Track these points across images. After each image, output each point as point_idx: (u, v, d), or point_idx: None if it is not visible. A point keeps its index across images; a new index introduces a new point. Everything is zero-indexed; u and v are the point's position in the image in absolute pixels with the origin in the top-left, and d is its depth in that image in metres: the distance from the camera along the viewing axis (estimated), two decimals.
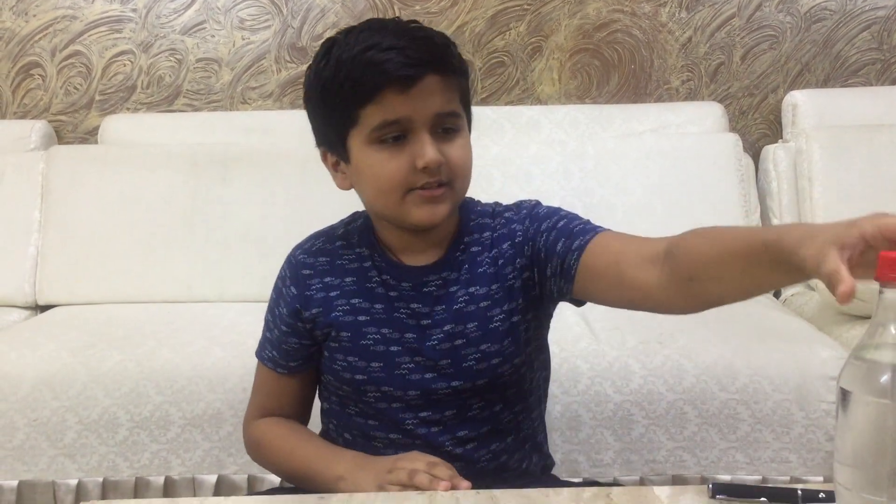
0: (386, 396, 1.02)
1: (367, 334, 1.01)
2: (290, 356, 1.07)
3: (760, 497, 0.84)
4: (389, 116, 0.93)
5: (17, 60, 2.53)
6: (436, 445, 1.02)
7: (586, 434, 1.63)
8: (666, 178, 2.23)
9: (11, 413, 1.66)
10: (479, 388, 1.02)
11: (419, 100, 0.93)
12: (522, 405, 1.06)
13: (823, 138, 2.28)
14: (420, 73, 0.92)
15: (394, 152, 0.95)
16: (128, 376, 1.67)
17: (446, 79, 0.95)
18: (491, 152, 2.28)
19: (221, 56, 2.53)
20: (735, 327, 1.82)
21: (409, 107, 0.93)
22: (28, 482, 1.67)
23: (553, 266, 0.98)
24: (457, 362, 1.00)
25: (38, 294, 2.24)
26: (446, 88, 0.95)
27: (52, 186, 2.27)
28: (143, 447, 1.66)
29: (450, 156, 0.96)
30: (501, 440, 1.05)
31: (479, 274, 1.01)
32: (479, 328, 1.00)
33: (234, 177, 2.24)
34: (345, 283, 1.04)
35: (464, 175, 0.99)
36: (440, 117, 0.95)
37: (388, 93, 0.92)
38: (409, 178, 0.95)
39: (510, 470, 1.06)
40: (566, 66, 2.54)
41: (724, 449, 1.62)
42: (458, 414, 1.02)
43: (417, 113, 0.93)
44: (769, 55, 2.53)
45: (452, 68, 0.97)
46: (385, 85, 0.92)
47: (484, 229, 1.04)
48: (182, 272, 2.19)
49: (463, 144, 0.98)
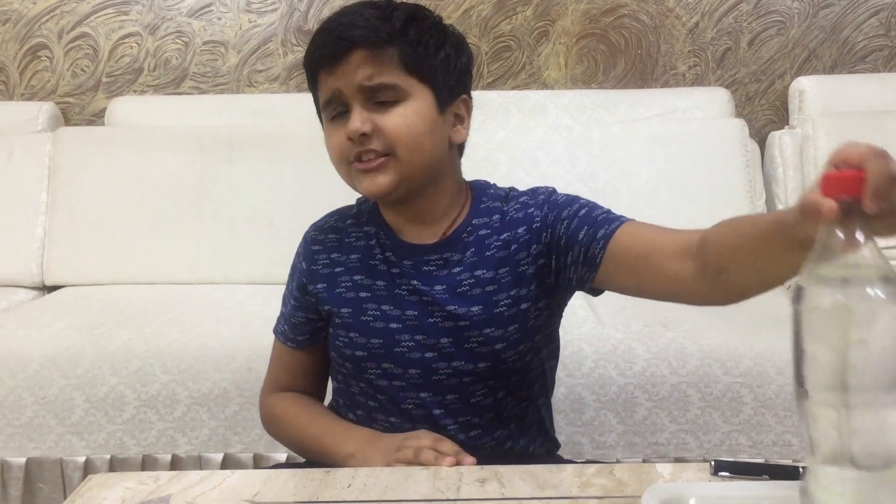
0: (386, 374, 1.03)
1: (368, 310, 1.03)
2: (298, 330, 1.10)
3: (762, 475, 0.84)
4: (326, 94, 0.99)
5: (24, 42, 2.54)
6: (438, 428, 1.02)
7: (590, 416, 1.64)
8: (672, 164, 2.23)
9: (20, 391, 1.67)
10: (480, 372, 1.02)
11: (344, 75, 0.96)
12: (526, 393, 1.06)
13: (830, 124, 2.28)
14: (340, 51, 0.96)
15: (337, 126, 0.99)
16: (135, 355, 1.69)
17: (377, 51, 0.96)
18: (497, 137, 2.28)
19: (228, 39, 2.54)
20: (740, 312, 1.81)
21: (335, 82, 0.97)
22: (36, 459, 1.69)
23: (574, 254, 0.97)
24: (458, 343, 1.01)
25: (45, 275, 2.26)
26: (376, 61, 0.96)
27: (60, 168, 2.28)
28: (150, 425, 1.67)
29: (383, 125, 0.96)
30: (505, 427, 1.05)
31: (487, 257, 1.01)
32: (484, 311, 1.00)
33: (240, 159, 2.25)
34: (350, 259, 1.05)
35: (407, 143, 0.97)
36: (368, 90, 0.96)
37: (321, 74, 0.99)
38: (346, 151, 0.98)
39: (514, 453, 1.06)
40: (573, 50, 2.54)
41: (727, 432, 1.63)
42: (460, 399, 1.02)
43: (344, 86, 0.97)
44: (776, 41, 2.52)
45: (384, 40, 0.96)
46: (318, 66, 0.98)
47: (494, 213, 1.04)
48: (189, 253, 2.20)
49: (403, 113, 0.97)
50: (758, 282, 0.85)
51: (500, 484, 0.84)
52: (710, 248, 0.86)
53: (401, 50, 0.97)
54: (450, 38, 1.02)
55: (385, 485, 0.84)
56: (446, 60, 1.00)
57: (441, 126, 1.00)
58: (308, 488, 0.84)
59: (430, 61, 0.99)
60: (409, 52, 0.97)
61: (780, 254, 0.77)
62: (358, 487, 0.84)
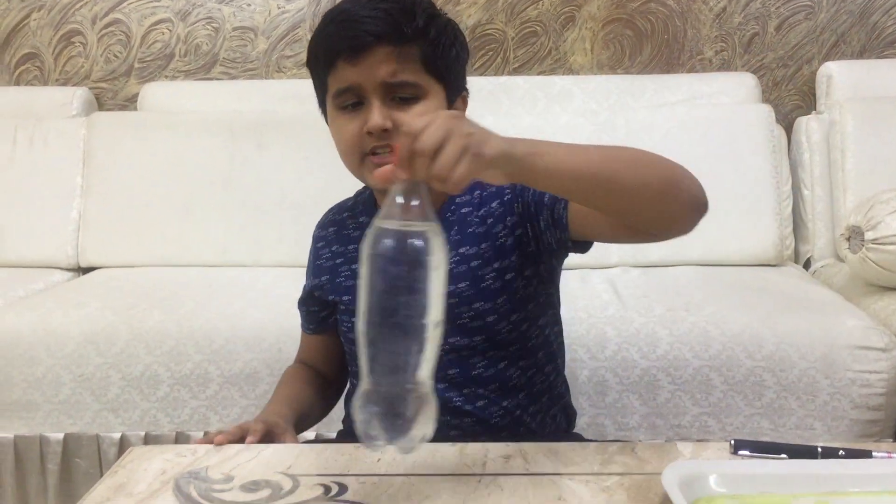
0: None
1: None
2: (308, 319, 1.19)
3: (781, 454, 0.87)
4: (342, 85, 0.99)
5: (58, 28, 2.58)
6: (444, 402, 1.04)
7: (612, 398, 1.67)
8: (697, 149, 2.23)
9: (58, 369, 1.72)
10: (477, 345, 1.04)
11: (367, 69, 0.97)
12: (529, 361, 1.08)
13: (857, 110, 2.27)
14: (366, 45, 0.96)
15: (351, 117, 0.99)
16: (168, 335, 1.73)
17: (400, 48, 0.97)
18: (523, 122, 2.29)
19: (257, 24, 2.57)
20: (763, 297, 1.84)
21: (357, 75, 0.97)
22: (73, 435, 1.74)
23: (545, 217, 1.00)
24: (451, 319, 1.02)
25: (80, 256, 2.31)
26: (399, 58, 0.97)
27: (94, 152, 2.33)
28: (184, 403, 1.72)
29: (402, 121, 0.97)
30: (513, 397, 1.07)
31: (469, 234, 1.04)
32: (471, 287, 1.03)
33: (269, 144, 2.28)
34: (348, 250, 1.10)
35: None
36: (389, 87, 0.97)
37: (340, 63, 0.98)
38: (361, 143, 0.99)
39: (525, 425, 1.08)
40: (599, 35, 2.54)
41: (749, 415, 1.64)
42: (462, 373, 1.05)
43: (366, 81, 0.97)
44: (804, 25, 2.51)
45: (407, 37, 0.97)
46: (337, 56, 0.98)
47: (474, 189, 1.07)
48: (218, 237, 2.24)
49: (423, 111, 0.98)
50: (624, 222, 0.91)
51: (525, 460, 0.87)
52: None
53: (422, 49, 0.98)
54: (458, 36, 1.04)
55: (413, 460, 0.87)
56: (456, 59, 1.03)
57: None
58: (339, 462, 0.87)
59: (446, 60, 1.01)
60: (429, 52, 0.99)
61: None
62: (387, 462, 0.87)
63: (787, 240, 2.26)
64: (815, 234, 2.30)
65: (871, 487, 0.77)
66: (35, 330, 1.75)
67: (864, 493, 0.77)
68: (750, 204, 2.19)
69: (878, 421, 1.61)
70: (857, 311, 1.74)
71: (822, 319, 1.68)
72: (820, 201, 2.30)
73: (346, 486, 0.81)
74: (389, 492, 0.80)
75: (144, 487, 0.82)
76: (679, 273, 2.09)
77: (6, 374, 1.73)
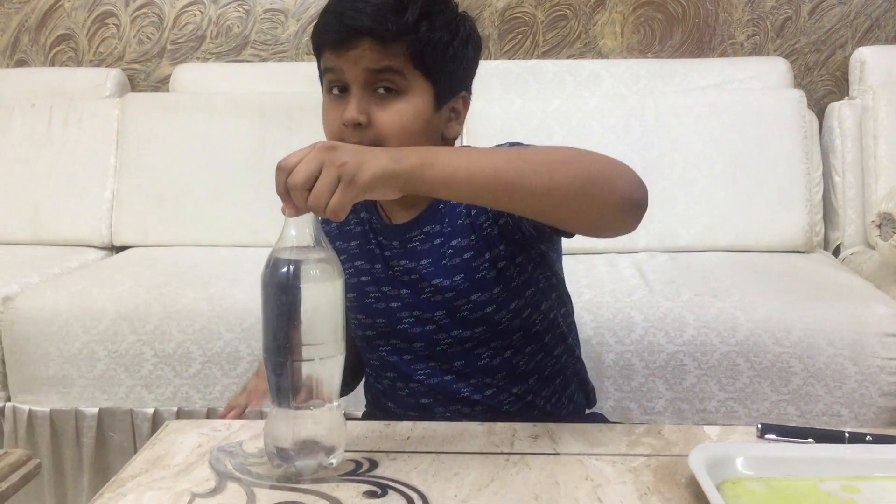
0: (395, 350, 1.08)
1: (370, 293, 1.07)
2: None
3: (807, 438, 0.87)
4: (327, 64, 0.98)
5: (92, 10, 2.61)
6: (452, 393, 1.06)
7: (639, 382, 1.67)
8: (727, 134, 2.22)
9: (93, 345, 1.76)
10: (479, 336, 1.04)
11: (350, 60, 0.95)
12: (536, 346, 1.07)
13: (891, 95, 2.24)
14: (350, 38, 0.95)
15: (335, 103, 0.98)
16: (200, 314, 1.76)
17: (384, 42, 0.95)
18: (552, 105, 2.29)
19: (288, 7, 2.58)
20: (791, 283, 1.83)
21: (341, 61, 0.96)
22: (108, 409, 1.78)
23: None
24: (451, 313, 1.04)
25: (113, 236, 2.35)
26: (381, 50, 0.95)
27: (127, 132, 2.37)
28: (215, 380, 1.75)
29: (378, 118, 0.96)
30: (523, 383, 1.07)
31: (459, 225, 1.03)
32: (467, 279, 1.02)
33: (299, 126, 2.30)
34: (350, 246, 1.10)
35: (398, 139, 0.96)
36: (372, 73, 0.95)
37: (328, 47, 0.97)
38: (339, 131, 0.97)
39: (539, 408, 1.09)
40: (629, 19, 2.53)
41: (776, 401, 1.65)
42: (467, 364, 1.05)
43: (347, 68, 0.96)
44: (838, 10, 2.48)
45: (393, 33, 0.95)
46: (323, 45, 0.98)
47: None
48: (249, 217, 2.27)
49: (400, 109, 0.96)
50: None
51: (553, 440, 0.88)
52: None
53: (410, 45, 0.95)
54: (460, 33, 1.00)
55: (442, 437, 0.89)
56: (453, 58, 0.99)
57: (436, 122, 1.00)
58: (370, 439, 0.89)
59: (438, 59, 0.97)
60: (418, 49, 0.96)
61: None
62: (416, 440, 0.89)
63: (817, 226, 2.24)
64: (845, 220, 2.28)
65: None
66: (71, 307, 1.78)
67: (891, 477, 0.77)
68: (780, 190, 2.18)
69: None
70: (886, 298, 1.73)
71: (850, 306, 1.67)
72: (851, 188, 2.28)
73: (376, 462, 0.83)
74: (419, 468, 0.82)
75: (181, 460, 0.85)
76: (707, 258, 2.08)
77: (43, 349, 1.77)
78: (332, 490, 0.78)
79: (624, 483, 0.78)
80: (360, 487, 0.78)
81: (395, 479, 0.80)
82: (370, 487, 0.78)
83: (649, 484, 0.78)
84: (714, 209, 2.18)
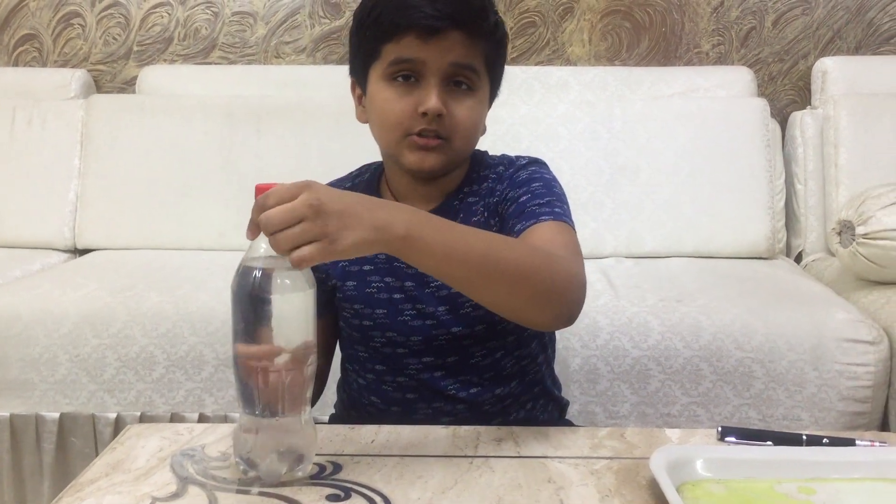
0: (391, 342, 1.08)
1: (372, 283, 1.07)
2: None
3: (766, 441, 0.88)
4: (405, 54, 0.98)
5: (58, 9, 2.58)
6: (439, 389, 1.07)
7: (604, 386, 1.69)
8: (693, 142, 2.25)
9: (55, 349, 1.74)
10: (478, 334, 1.06)
11: (436, 49, 0.97)
12: (524, 351, 1.10)
13: (851, 105, 2.28)
14: (443, 27, 0.96)
15: (402, 93, 0.99)
16: (165, 317, 1.74)
17: (472, 38, 0.98)
18: (520, 111, 2.31)
19: (256, 10, 2.57)
20: (754, 289, 1.86)
21: (425, 52, 0.97)
22: (69, 414, 1.75)
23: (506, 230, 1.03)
24: (454, 309, 1.05)
25: (77, 238, 2.32)
26: (469, 46, 0.98)
27: (92, 134, 2.34)
28: (179, 385, 1.74)
29: (454, 112, 0.99)
30: (506, 385, 1.09)
31: (474, 223, 1.05)
32: None
33: (267, 129, 2.29)
34: None
35: (464, 135, 1.01)
36: (455, 67, 0.98)
37: (408, 36, 0.97)
38: (409, 121, 0.99)
39: (513, 413, 1.10)
40: (597, 27, 2.55)
41: (738, 405, 1.67)
42: (460, 360, 1.07)
43: (432, 59, 0.97)
44: (801, 21, 2.52)
45: (480, 31, 0.99)
46: (408, 29, 0.97)
47: (484, 180, 1.08)
48: (216, 220, 2.26)
49: (472, 106, 1.01)
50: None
51: (516, 443, 0.89)
52: None
53: (488, 46, 1.01)
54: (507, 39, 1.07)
55: (406, 441, 0.89)
56: (504, 62, 1.06)
57: (484, 121, 1.06)
58: (334, 443, 0.89)
59: (500, 62, 1.05)
60: (493, 51, 1.02)
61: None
62: (381, 443, 0.89)
63: (780, 233, 2.28)
64: (807, 228, 2.32)
65: (854, 474, 0.79)
66: (32, 310, 1.76)
67: (847, 479, 0.79)
68: (743, 197, 2.21)
69: (865, 413, 1.64)
70: (846, 304, 1.76)
71: (811, 312, 1.70)
72: (812, 196, 2.32)
73: (340, 466, 0.83)
74: (383, 471, 0.82)
75: (142, 464, 0.84)
76: (672, 264, 2.11)
77: (3, 353, 1.74)
78: (294, 494, 0.77)
79: (586, 485, 0.79)
80: (324, 491, 0.78)
81: (358, 482, 0.80)
82: (333, 491, 0.78)
83: (611, 486, 0.79)
84: (679, 215, 2.21)
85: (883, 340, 1.64)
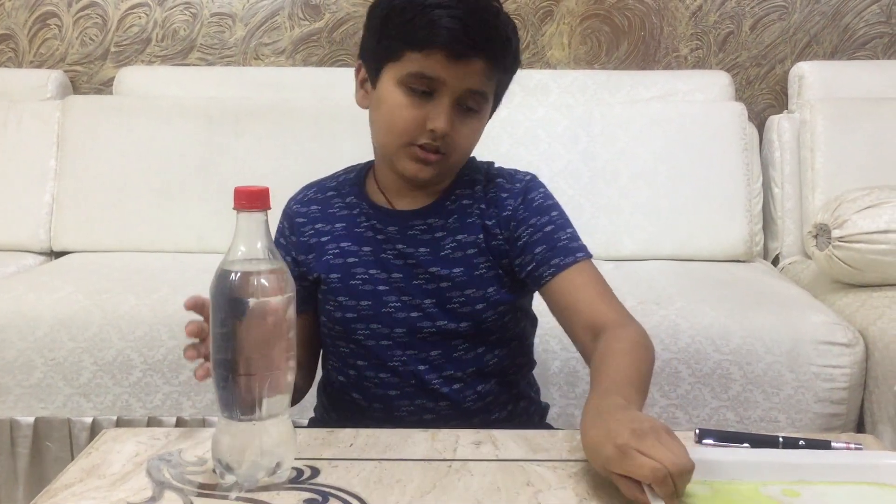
0: (374, 334, 1.08)
1: (356, 274, 1.08)
2: None
3: (743, 443, 0.89)
4: (427, 71, 0.99)
5: (33, 10, 2.56)
6: (422, 383, 1.08)
7: (583, 389, 1.69)
8: (671, 145, 2.26)
9: (29, 352, 1.72)
10: (462, 330, 1.07)
11: (458, 72, 0.99)
12: (505, 350, 1.12)
13: (828, 110, 2.30)
14: (470, 55, 0.99)
15: (415, 104, 1.01)
16: (142, 320, 1.73)
17: (492, 68, 1.02)
18: (500, 114, 2.24)
19: (236, 11, 2.56)
20: (732, 292, 1.87)
21: (447, 73, 0.99)
22: (44, 419, 1.73)
23: (525, 262, 1.05)
24: (441, 303, 1.07)
25: (52, 240, 2.29)
26: (488, 75, 1.02)
27: (68, 135, 2.32)
28: (156, 389, 1.72)
29: (458, 132, 1.02)
30: (486, 382, 1.10)
31: (469, 223, 1.08)
32: (465, 273, 1.06)
33: (246, 131, 2.28)
34: (335, 228, 1.11)
35: (462, 154, 1.06)
36: (469, 93, 1.01)
37: (436, 54, 0.98)
38: (415, 132, 1.01)
39: (495, 413, 1.12)
40: (576, 31, 2.56)
41: (716, 407, 1.68)
42: (443, 354, 1.08)
43: (452, 81, 1.00)
44: (778, 26, 2.55)
45: (502, 63, 1.03)
46: (437, 47, 0.98)
47: (476, 184, 1.11)
48: (194, 223, 2.24)
49: (475, 128, 1.05)
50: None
51: (495, 446, 0.89)
52: (593, 355, 0.98)
53: (504, 77, 1.06)
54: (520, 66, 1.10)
55: (385, 444, 0.89)
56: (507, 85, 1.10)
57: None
58: (312, 446, 0.88)
59: (505, 90, 1.09)
60: (505, 79, 1.07)
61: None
62: (359, 447, 0.89)
63: (757, 236, 2.30)
64: (783, 231, 2.34)
65: (838, 478, 0.80)
66: (6, 313, 1.73)
67: (831, 482, 0.79)
68: (721, 200, 2.23)
69: (840, 415, 1.65)
70: (822, 307, 1.78)
71: (788, 315, 1.71)
72: (789, 199, 2.34)
73: (318, 470, 0.83)
74: (361, 475, 0.81)
75: (118, 469, 0.83)
76: (651, 267, 2.12)
77: None
78: (272, 498, 0.77)
79: (564, 488, 0.79)
80: (302, 495, 0.77)
81: (336, 486, 0.79)
82: (311, 495, 0.77)
83: (589, 489, 0.79)
84: (658, 219, 2.22)
85: (858, 343, 1.65)
